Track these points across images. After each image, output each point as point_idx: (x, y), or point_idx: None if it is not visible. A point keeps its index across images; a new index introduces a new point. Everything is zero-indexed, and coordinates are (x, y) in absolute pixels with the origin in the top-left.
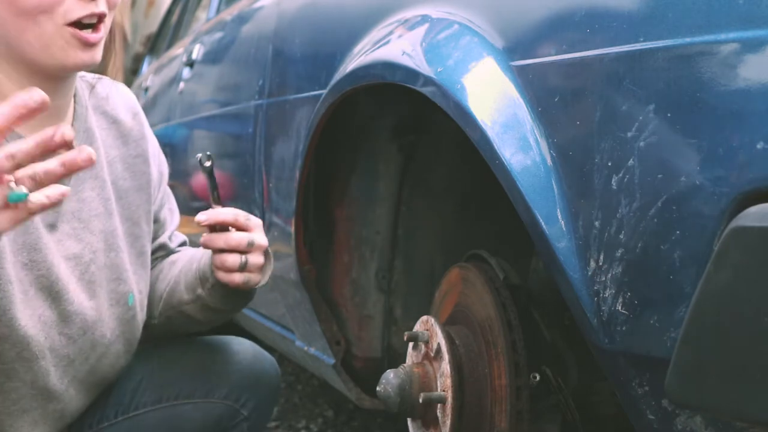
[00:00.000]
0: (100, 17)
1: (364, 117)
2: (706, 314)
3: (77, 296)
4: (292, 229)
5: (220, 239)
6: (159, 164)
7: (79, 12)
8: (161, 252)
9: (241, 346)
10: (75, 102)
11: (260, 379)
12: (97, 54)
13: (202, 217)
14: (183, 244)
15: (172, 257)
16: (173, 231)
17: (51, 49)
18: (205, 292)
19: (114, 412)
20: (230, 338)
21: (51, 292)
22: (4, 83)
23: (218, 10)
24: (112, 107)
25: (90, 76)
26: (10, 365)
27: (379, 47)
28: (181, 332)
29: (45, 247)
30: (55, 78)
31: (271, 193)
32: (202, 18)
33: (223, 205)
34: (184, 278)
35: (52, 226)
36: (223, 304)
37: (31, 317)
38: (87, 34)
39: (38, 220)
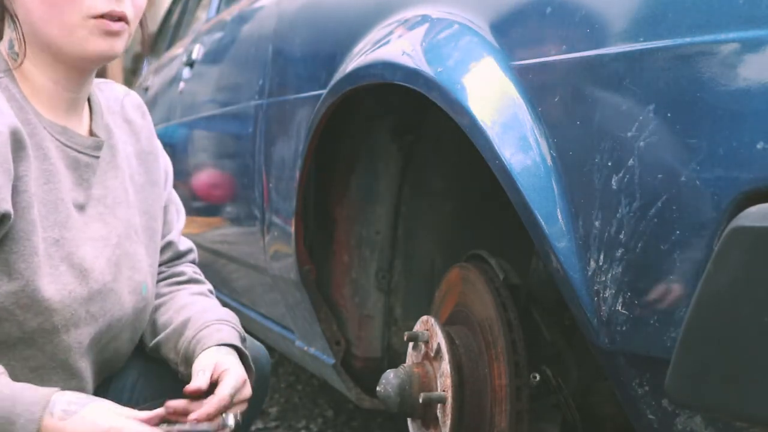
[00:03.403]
0: (121, 18)
1: (364, 117)
2: (706, 314)
3: (103, 276)
4: (292, 229)
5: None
6: (165, 164)
7: (103, 7)
8: (169, 252)
9: None
10: (90, 101)
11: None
12: (118, 44)
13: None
14: (190, 251)
15: (178, 298)
16: (180, 231)
17: (74, 36)
18: (187, 372)
19: None
20: None
21: (81, 269)
22: (31, 70)
23: (218, 10)
24: (123, 107)
25: (98, 80)
26: (29, 335)
27: (379, 47)
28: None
29: (74, 227)
30: (77, 69)
31: (271, 193)
32: (202, 18)
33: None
34: (174, 339)
35: (81, 208)
36: None
37: (59, 291)
38: (109, 21)
39: (69, 200)
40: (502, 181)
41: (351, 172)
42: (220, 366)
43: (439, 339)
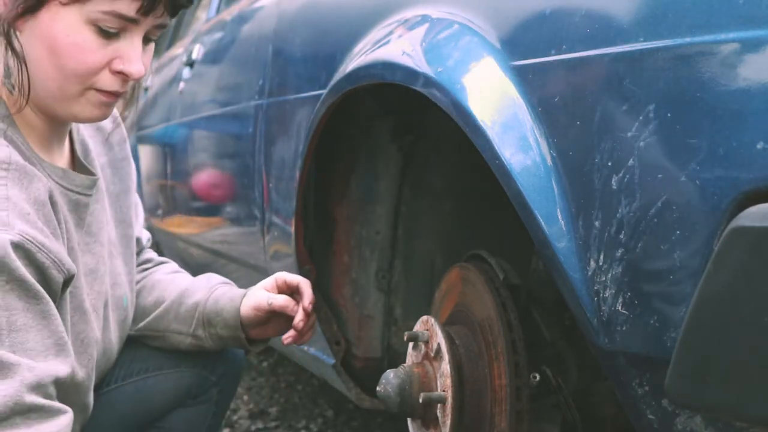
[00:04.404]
0: (121, 93)
1: (364, 117)
2: (706, 314)
3: (98, 309)
4: (292, 229)
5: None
6: (132, 164)
7: (110, 86)
8: (136, 247)
9: None
10: None
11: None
12: (110, 111)
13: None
14: (149, 239)
15: (158, 277)
16: (142, 225)
17: (69, 103)
18: (206, 334)
19: None
20: None
21: (87, 314)
22: (26, 110)
23: (218, 10)
24: None
25: None
26: (64, 393)
27: (379, 47)
28: (151, 346)
29: (78, 271)
30: (67, 121)
31: (271, 193)
32: (202, 18)
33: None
34: (175, 309)
35: (77, 246)
36: (218, 346)
37: (77, 343)
38: (108, 96)
39: (76, 246)
40: (502, 181)
41: (351, 172)
42: (282, 284)
43: (439, 339)
